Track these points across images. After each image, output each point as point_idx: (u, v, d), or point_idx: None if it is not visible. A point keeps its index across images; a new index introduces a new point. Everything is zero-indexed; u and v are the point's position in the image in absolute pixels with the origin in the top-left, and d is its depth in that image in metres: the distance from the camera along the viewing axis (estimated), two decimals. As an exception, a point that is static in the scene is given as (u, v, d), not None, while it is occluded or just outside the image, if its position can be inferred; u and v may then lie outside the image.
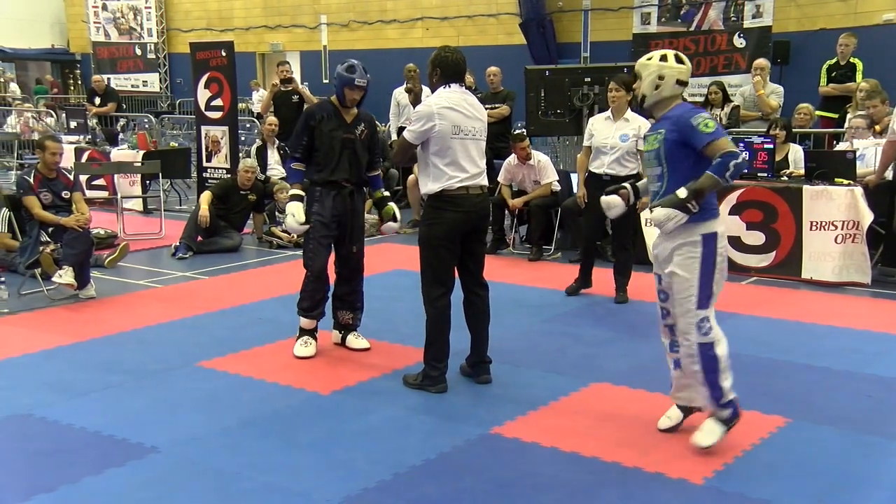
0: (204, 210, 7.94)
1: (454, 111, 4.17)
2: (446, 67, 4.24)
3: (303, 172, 4.89)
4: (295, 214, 4.79)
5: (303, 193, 4.88)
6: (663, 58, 3.64)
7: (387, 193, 5.14)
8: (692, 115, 3.48)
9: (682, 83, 3.62)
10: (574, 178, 7.53)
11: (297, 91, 10.22)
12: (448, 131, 4.15)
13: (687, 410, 3.79)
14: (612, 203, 3.93)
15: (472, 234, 4.34)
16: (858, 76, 8.65)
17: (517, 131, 8.13)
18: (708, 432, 3.57)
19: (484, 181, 4.32)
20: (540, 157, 7.89)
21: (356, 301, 5.08)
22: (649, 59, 3.68)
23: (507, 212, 8.07)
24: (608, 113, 6.22)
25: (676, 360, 3.72)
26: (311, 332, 5.02)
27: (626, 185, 3.98)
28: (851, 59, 8.85)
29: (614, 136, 6.08)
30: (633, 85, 6.09)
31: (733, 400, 3.57)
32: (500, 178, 7.87)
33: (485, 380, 4.44)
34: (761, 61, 9.12)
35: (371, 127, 4.95)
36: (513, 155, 7.90)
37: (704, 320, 3.49)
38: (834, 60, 8.95)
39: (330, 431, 3.86)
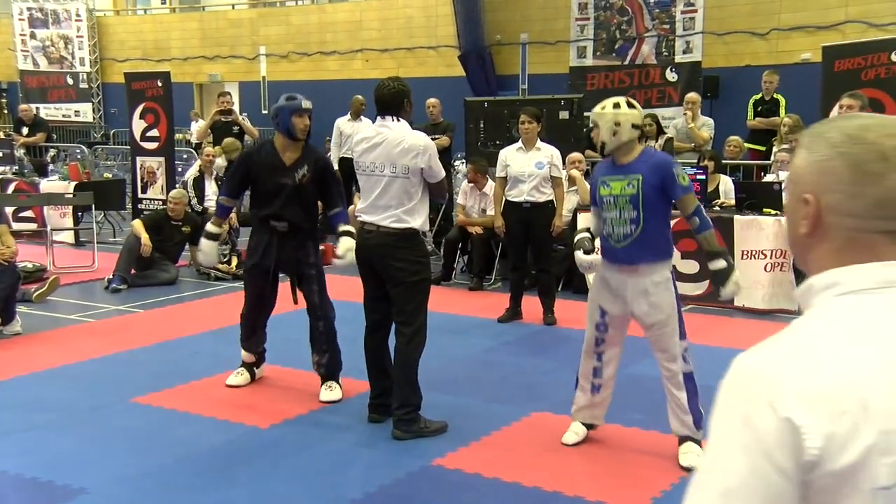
0: (146, 237, 7.70)
1: (360, 147, 4.13)
2: (376, 100, 4.16)
3: (230, 208, 4.97)
4: (207, 253, 4.96)
5: (219, 231, 4.97)
6: (616, 105, 3.76)
7: (345, 229, 4.53)
8: (673, 167, 3.77)
9: (637, 126, 3.77)
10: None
11: (237, 122, 10.14)
12: (357, 166, 4.20)
13: (590, 426, 4.07)
14: (595, 262, 3.93)
15: (381, 273, 4.11)
16: (782, 111, 9.00)
17: (474, 159, 8.10)
18: (696, 454, 3.64)
19: (377, 219, 4.04)
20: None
21: (320, 343, 4.68)
22: (603, 107, 3.77)
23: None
24: (519, 144, 6.46)
25: (598, 384, 3.97)
26: (248, 366, 4.94)
27: (588, 234, 4.02)
28: (775, 95, 9.21)
29: (530, 164, 6.35)
30: (541, 117, 6.36)
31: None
32: (459, 200, 7.99)
33: (393, 433, 4.09)
34: (692, 95, 9.42)
35: (317, 167, 4.60)
36: (466, 181, 8.00)
37: (686, 350, 3.76)
38: (759, 95, 9.31)
39: (268, 466, 3.78)
